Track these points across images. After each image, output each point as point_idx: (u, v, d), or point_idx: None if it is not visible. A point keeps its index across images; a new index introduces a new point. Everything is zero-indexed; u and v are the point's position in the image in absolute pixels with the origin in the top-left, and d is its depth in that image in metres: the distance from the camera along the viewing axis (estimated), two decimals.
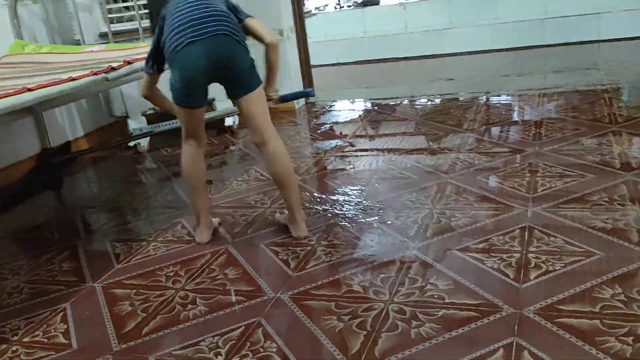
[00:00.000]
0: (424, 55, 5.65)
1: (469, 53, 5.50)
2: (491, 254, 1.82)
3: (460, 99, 3.92)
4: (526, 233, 1.92)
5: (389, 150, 3.06)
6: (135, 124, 3.71)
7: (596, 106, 3.27)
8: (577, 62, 4.55)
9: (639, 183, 2.19)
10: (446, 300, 1.61)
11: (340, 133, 3.63)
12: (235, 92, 2.02)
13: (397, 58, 5.77)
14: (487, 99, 3.80)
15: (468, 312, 1.55)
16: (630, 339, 1.35)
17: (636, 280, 1.59)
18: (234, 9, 2.03)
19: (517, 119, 3.34)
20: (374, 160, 2.96)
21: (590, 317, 1.46)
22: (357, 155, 3.07)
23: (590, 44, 5.08)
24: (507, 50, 5.32)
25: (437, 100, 4.02)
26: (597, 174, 2.33)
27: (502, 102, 3.77)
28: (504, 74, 4.60)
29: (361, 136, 3.47)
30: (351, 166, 2.92)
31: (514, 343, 1.39)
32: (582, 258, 1.73)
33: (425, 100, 4.06)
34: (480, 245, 1.89)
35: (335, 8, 6.80)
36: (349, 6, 6.67)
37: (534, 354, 1.35)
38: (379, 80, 5.16)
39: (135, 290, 1.94)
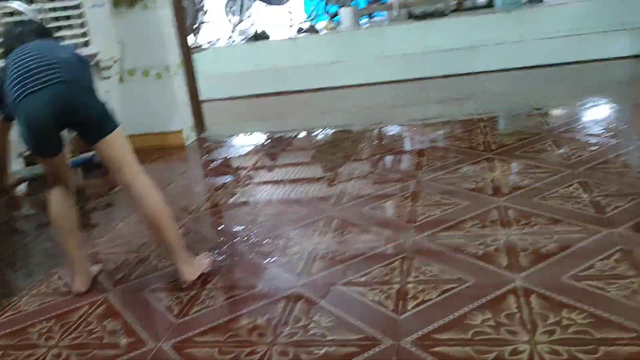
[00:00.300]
0: (315, 88, 5.77)
1: (358, 85, 5.68)
2: (372, 286, 1.86)
3: (352, 130, 4.03)
4: (405, 263, 1.99)
5: (283, 184, 3.08)
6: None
7: (473, 134, 3.46)
8: (457, 93, 4.82)
9: (509, 208, 2.33)
10: (328, 338, 1.62)
11: (233, 167, 3.61)
12: (89, 138, 1.98)
13: (289, 91, 5.85)
14: (377, 130, 3.92)
15: (350, 348, 1.57)
16: None
17: (504, 304, 1.68)
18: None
19: (403, 149, 3.47)
20: (266, 194, 2.97)
21: (462, 344, 1.52)
22: (248, 190, 3.06)
23: (468, 75, 5.42)
24: (393, 82, 5.55)
25: (330, 132, 4.11)
26: (472, 200, 2.46)
27: (391, 132, 3.91)
28: (391, 105, 4.79)
29: (255, 169, 3.46)
30: (243, 201, 2.90)
31: None
32: (456, 285, 1.81)
33: (319, 132, 4.13)
34: (363, 279, 1.93)
35: (227, 42, 6.81)
36: (241, 40, 6.70)
37: None
38: (273, 114, 5.21)
39: (1, 352, 1.79)
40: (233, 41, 6.81)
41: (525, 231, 2.12)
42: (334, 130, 4.13)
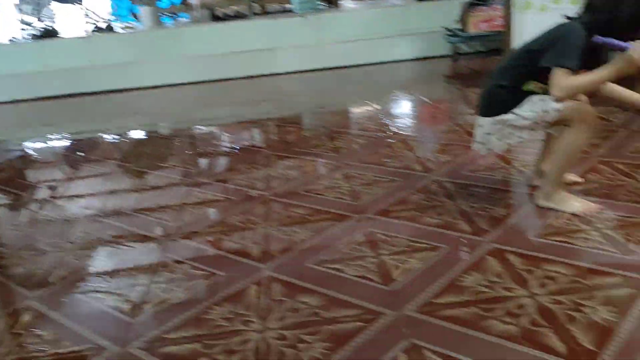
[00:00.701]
0: (113, 90, 5.46)
1: (158, 87, 5.49)
2: (114, 292, 1.75)
3: (159, 132, 3.84)
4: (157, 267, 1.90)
5: (82, 197, 2.79)
6: None
7: (282, 134, 3.48)
8: (256, 94, 4.86)
9: (274, 201, 2.35)
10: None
11: (23, 180, 3.23)
12: None
13: (83, 93, 5.47)
14: (181, 133, 3.78)
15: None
16: (509, 318, 1.42)
17: (487, 264, 1.70)
18: None
19: (209, 150, 3.36)
20: (63, 211, 2.64)
21: (196, 340, 1.47)
22: (35, 209, 2.75)
23: (268, 77, 5.51)
24: (195, 83, 5.45)
25: (134, 136, 3.87)
26: (241, 199, 2.45)
27: (197, 134, 3.79)
28: (194, 107, 4.67)
29: (47, 182, 3.12)
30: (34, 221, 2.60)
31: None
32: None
33: (121, 136, 3.87)
34: (105, 285, 1.80)
35: (11, 41, 6.18)
36: (24, 38, 6.12)
37: None
38: (65, 117, 4.81)
39: None
40: (18, 38, 6.20)
41: (284, 222, 2.15)
42: (135, 133, 3.91)
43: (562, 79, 1.79)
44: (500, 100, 2.01)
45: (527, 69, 1.94)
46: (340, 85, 4.89)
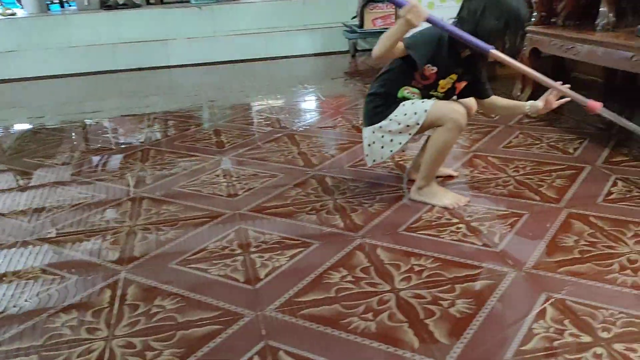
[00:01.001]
0: None
1: (42, 77, 5.13)
2: None
3: (38, 126, 3.54)
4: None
5: None
6: None
7: (166, 128, 3.31)
8: (144, 87, 4.65)
9: (144, 199, 2.22)
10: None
11: None
12: None
13: None
14: (61, 127, 3.50)
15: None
16: (370, 315, 1.31)
17: (355, 260, 1.68)
18: None
19: (82, 147, 3.11)
20: None
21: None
22: None
23: (161, 69, 5.29)
24: (79, 75, 5.14)
25: (18, 129, 3.55)
26: (109, 192, 2.29)
27: (75, 128, 3.51)
28: (78, 99, 4.38)
29: None
30: None
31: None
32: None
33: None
34: None
35: None
36: None
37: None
38: None
39: None
40: None
41: (152, 220, 2.03)
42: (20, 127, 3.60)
43: None
44: (375, 108, 2.02)
45: (398, 74, 1.95)
46: (235, 79, 4.78)
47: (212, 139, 2.99)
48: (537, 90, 3.17)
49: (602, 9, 2.67)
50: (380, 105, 2.00)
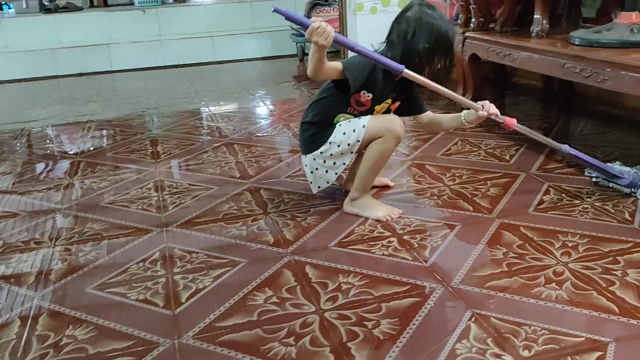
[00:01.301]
0: None
1: None
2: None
3: None
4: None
5: None
6: None
7: (100, 137, 3.19)
8: (93, 93, 4.49)
9: (70, 215, 2.12)
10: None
11: None
12: None
13: None
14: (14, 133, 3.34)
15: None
16: (291, 339, 1.34)
17: (282, 279, 1.61)
18: None
19: (31, 159, 2.96)
20: None
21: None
22: None
23: (104, 74, 5.14)
24: (18, 81, 4.95)
25: None
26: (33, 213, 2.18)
27: (19, 137, 3.35)
28: (17, 107, 4.20)
29: None
30: None
31: None
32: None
33: None
34: None
35: None
36: None
37: None
38: None
39: None
40: None
41: (74, 239, 1.93)
42: None
43: None
44: (312, 135, 1.99)
45: (333, 101, 1.93)
46: (180, 85, 4.66)
47: (148, 149, 2.89)
48: (479, 93, 3.19)
49: (536, 16, 2.69)
50: (317, 133, 1.98)
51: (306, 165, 2.05)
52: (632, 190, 2.02)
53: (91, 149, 2.99)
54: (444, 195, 2.14)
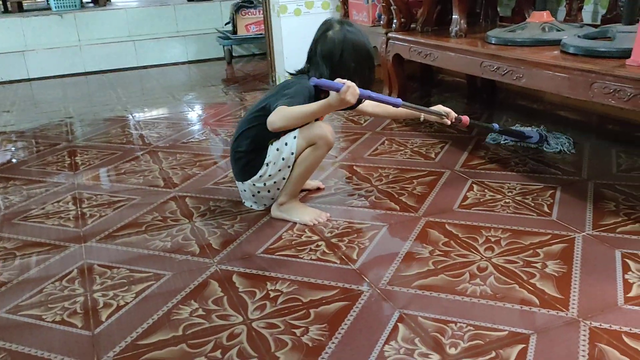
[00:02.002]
0: None
1: None
2: None
3: None
4: None
5: None
6: None
7: (14, 150, 3.01)
8: (7, 103, 4.24)
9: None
10: None
11: None
12: None
13: None
14: None
15: None
16: (218, 353, 1.30)
17: (208, 290, 1.55)
18: None
19: None
20: None
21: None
22: None
23: (20, 82, 4.89)
24: None
25: None
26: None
27: None
28: None
29: None
30: None
31: None
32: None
33: None
34: None
35: None
36: None
37: None
38: None
39: None
40: None
41: None
42: None
43: (277, 111, 1.77)
44: (248, 163, 1.98)
45: (266, 130, 1.86)
46: (102, 91, 4.49)
47: (66, 161, 2.76)
48: (404, 92, 3.23)
49: (455, 16, 2.75)
50: (253, 159, 1.97)
51: (244, 191, 2.05)
52: (540, 144, 2.49)
53: (3, 162, 2.82)
54: (371, 195, 2.15)
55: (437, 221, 1.91)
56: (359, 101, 1.79)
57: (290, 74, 2.07)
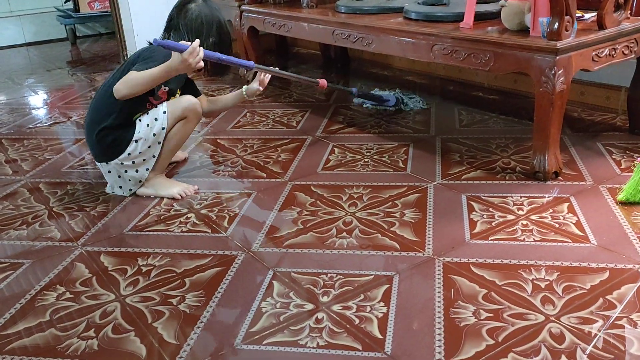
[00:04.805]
0: None
1: None
2: None
3: None
4: None
5: None
6: None
7: None
8: None
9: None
10: None
11: None
12: None
13: None
14: None
15: None
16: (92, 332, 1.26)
17: (75, 272, 1.49)
18: None
19: None
20: None
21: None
22: None
23: None
24: None
25: None
26: None
27: None
28: None
29: None
30: None
31: None
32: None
33: None
34: None
35: None
36: None
37: None
38: None
39: None
40: None
41: None
42: None
43: (124, 77, 1.74)
44: (114, 141, 1.86)
45: (130, 103, 1.82)
46: None
47: None
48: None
49: None
50: (119, 137, 1.86)
51: (109, 172, 1.94)
52: (398, 106, 2.68)
53: None
54: (237, 166, 2.17)
55: (303, 184, 1.98)
56: (206, 64, 1.82)
57: (149, 42, 2.01)
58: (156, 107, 1.89)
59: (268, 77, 2.12)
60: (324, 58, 3.72)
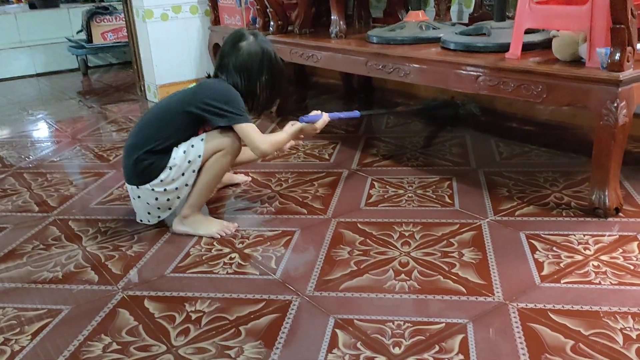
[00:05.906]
0: None
1: None
2: None
3: None
4: None
5: None
6: None
7: None
8: None
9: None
10: None
11: None
12: None
13: None
14: None
15: None
16: None
17: (119, 320, 1.36)
18: None
19: None
20: None
21: None
22: None
23: None
24: None
25: None
26: None
27: None
28: None
29: None
30: None
31: None
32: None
33: None
34: None
35: None
36: None
37: None
38: None
39: None
40: None
41: None
42: None
43: (257, 135, 1.83)
44: (150, 165, 1.79)
45: (179, 131, 1.81)
46: None
47: None
48: (286, 103, 3.20)
49: (334, 17, 2.77)
50: (155, 161, 1.79)
51: (138, 197, 1.85)
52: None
53: None
54: (274, 201, 2.08)
55: (348, 221, 1.89)
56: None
57: (208, 75, 1.99)
58: (197, 134, 1.83)
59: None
60: (345, 88, 3.67)
